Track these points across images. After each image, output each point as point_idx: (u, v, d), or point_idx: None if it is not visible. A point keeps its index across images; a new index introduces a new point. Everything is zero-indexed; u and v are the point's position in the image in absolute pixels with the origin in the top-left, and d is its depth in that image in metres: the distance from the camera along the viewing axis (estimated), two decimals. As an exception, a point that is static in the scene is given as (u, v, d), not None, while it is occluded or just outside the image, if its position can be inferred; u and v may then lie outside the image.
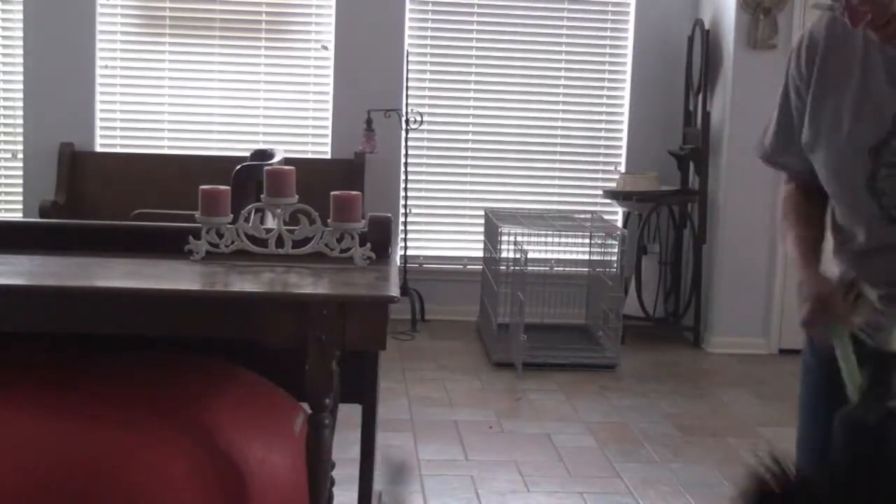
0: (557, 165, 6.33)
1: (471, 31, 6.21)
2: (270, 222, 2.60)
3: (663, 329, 6.02)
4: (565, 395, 4.78)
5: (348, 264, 2.48)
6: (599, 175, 6.33)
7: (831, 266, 1.91)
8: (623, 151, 6.30)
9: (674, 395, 4.86)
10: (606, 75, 6.30)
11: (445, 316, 6.08)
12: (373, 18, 6.00)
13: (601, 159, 6.34)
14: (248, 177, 3.89)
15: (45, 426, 2.29)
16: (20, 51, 5.91)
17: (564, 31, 6.24)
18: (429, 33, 6.20)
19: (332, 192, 2.51)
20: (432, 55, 6.22)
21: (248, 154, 4.84)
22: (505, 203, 6.17)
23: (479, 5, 6.19)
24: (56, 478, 2.23)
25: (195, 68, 6.09)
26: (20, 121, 5.97)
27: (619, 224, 6.06)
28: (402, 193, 6.01)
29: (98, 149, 6.02)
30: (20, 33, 5.90)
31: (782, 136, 1.99)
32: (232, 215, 2.53)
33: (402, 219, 5.93)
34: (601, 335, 5.56)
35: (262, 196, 2.53)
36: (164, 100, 6.09)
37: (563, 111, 6.28)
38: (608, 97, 6.32)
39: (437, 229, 6.33)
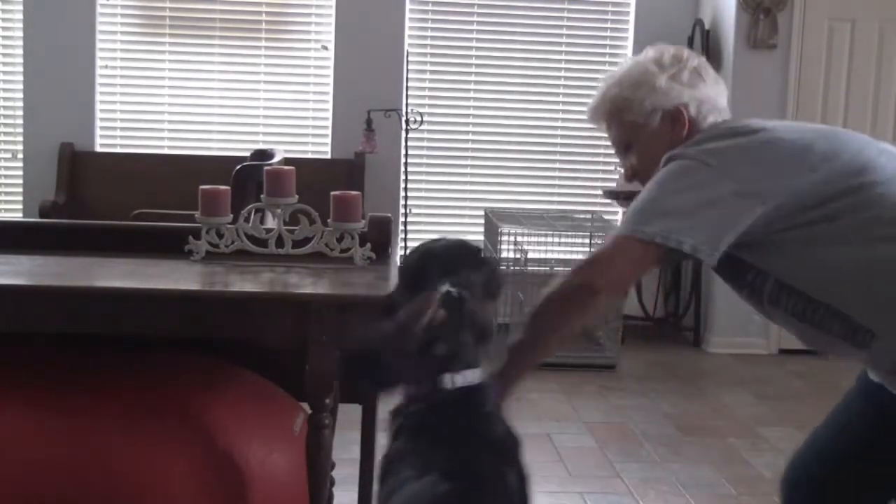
0: (557, 165, 6.33)
1: (471, 31, 6.20)
2: (270, 222, 2.60)
3: (663, 329, 6.01)
4: (565, 395, 4.78)
5: (348, 264, 2.48)
6: (599, 175, 6.33)
7: None
8: (623, 151, 6.29)
9: (674, 395, 4.86)
10: (606, 75, 6.29)
11: (445, 316, 6.07)
12: (373, 18, 6.00)
13: (601, 159, 6.34)
14: (248, 177, 3.89)
15: (45, 426, 2.29)
16: (20, 51, 5.90)
17: (564, 31, 6.23)
18: (429, 33, 6.20)
19: (332, 192, 2.52)
20: (432, 55, 6.22)
21: (248, 154, 4.84)
22: (505, 203, 6.17)
23: (479, 5, 6.19)
24: (56, 477, 2.23)
25: (195, 68, 6.09)
26: (20, 121, 5.97)
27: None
28: (402, 193, 6.01)
29: (98, 149, 6.01)
30: (20, 33, 5.90)
31: None
32: (232, 215, 2.53)
33: (402, 219, 5.93)
34: (601, 335, 5.56)
35: (262, 196, 2.53)
36: (164, 100, 6.08)
37: (563, 111, 6.28)
38: (608, 97, 6.31)
39: (437, 229, 6.32)
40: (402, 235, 5.93)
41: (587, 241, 5.60)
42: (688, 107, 1.97)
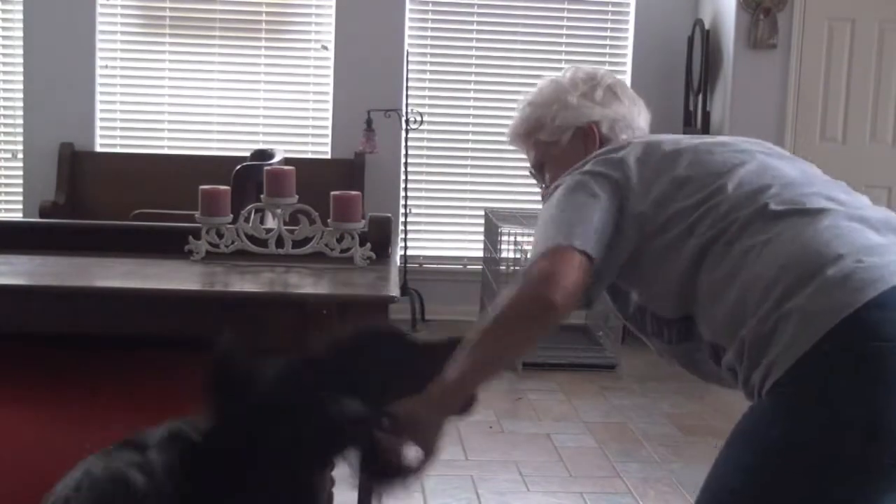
0: (557, 165, 6.32)
1: (471, 31, 6.20)
2: (270, 222, 2.60)
3: (663, 329, 6.01)
4: (565, 395, 4.78)
5: (348, 264, 2.48)
6: (599, 175, 6.32)
7: None
8: (623, 151, 6.29)
9: (674, 395, 4.86)
10: (606, 75, 6.29)
11: (445, 316, 6.07)
12: (373, 18, 6.00)
13: (601, 159, 6.34)
14: (248, 177, 3.90)
15: (45, 426, 2.29)
16: (20, 51, 5.91)
17: (564, 31, 6.24)
18: (429, 33, 6.20)
19: (332, 192, 2.52)
20: (432, 55, 6.22)
21: (248, 154, 4.84)
22: (505, 203, 6.17)
23: (479, 5, 6.19)
24: (55, 477, 2.23)
25: (195, 68, 6.09)
26: (20, 121, 5.97)
27: (619, 224, 6.05)
28: (402, 193, 6.01)
29: (98, 149, 6.01)
30: (20, 33, 5.90)
31: None
32: (232, 215, 2.53)
33: (402, 219, 5.93)
34: (601, 335, 5.55)
35: (262, 196, 2.53)
36: (164, 100, 6.08)
37: (563, 111, 6.27)
38: (608, 97, 6.31)
39: (437, 229, 6.33)
40: (402, 235, 5.93)
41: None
42: (599, 124, 1.98)
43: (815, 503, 1.49)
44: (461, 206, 6.31)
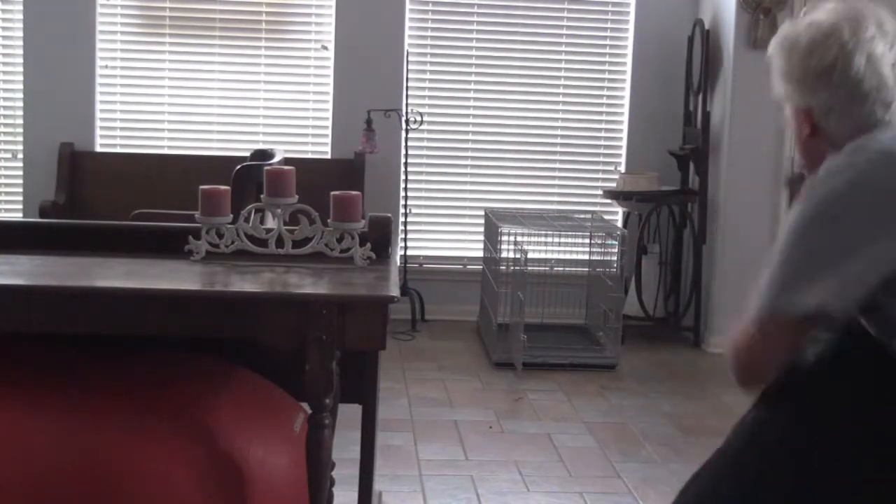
0: (557, 165, 6.33)
1: (471, 31, 6.20)
2: (270, 222, 2.60)
3: (663, 329, 6.01)
4: (565, 395, 4.78)
5: (348, 264, 2.48)
6: (599, 175, 6.33)
7: None
8: (623, 151, 6.30)
9: (674, 395, 4.86)
10: (606, 75, 6.29)
11: (445, 316, 6.07)
12: (373, 18, 6.00)
13: (601, 159, 6.34)
14: (248, 177, 3.89)
15: (46, 426, 2.29)
16: (20, 51, 5.91)
17: (564, 31, 6.23)
18: (429, 33, 6.20)
19: (332, 192, 2.52)
20: (432, 55, 6.22)
21: (248, 154, 4.84)
22: (505, 203, 6.17)
23: (479, 5, 6.19)
24: (56, 477, 2.23)
25: (195, 68, 6.09)
26: (20, 121, 5.97)
27: (619, 224, 6.06)
28: (402, 193, 6.01)
29: (98, 149, 6.01)
30: (20, 33, 5.90)
31: None
32: (232, 215, 2.53)
33: (402, 219, 5.93)
34: (601, 335, 5.55)
35: (262, 196, 2.53)
36: (164, 100, 6.08)
37: (563, 111, 6.28)
38: (608, 97, 6.32)
39: (437, 229, 6.33)
40: (402, 235, 5.93)
41: (587, 241, 5.61)
42: (812, 112, 1.72)
43: None
44: (461, 206, 6.31)
